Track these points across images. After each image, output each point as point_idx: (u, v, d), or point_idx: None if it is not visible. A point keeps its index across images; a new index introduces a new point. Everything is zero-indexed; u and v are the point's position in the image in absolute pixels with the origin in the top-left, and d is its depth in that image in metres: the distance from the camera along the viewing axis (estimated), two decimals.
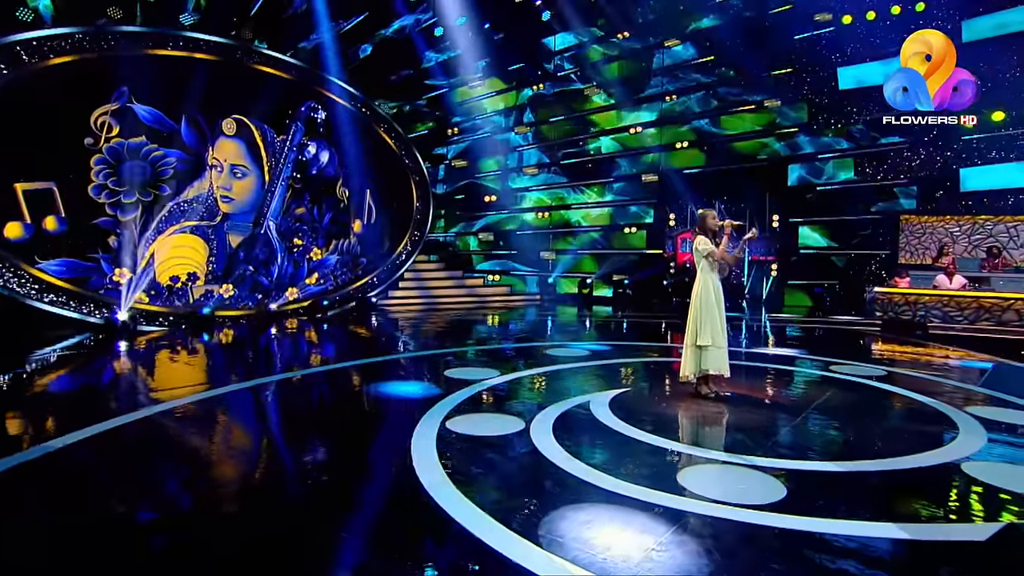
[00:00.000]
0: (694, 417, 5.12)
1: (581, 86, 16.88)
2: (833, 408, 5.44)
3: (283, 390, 6.18)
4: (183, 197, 11.31)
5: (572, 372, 7.03)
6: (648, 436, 4.46)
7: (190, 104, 11.14)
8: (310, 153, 13.51)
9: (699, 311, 5.77)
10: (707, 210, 5.93)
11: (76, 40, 9.65)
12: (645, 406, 5.47)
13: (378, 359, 8.06)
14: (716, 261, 5.78)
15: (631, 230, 16.66)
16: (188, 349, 8.61)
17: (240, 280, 12.25)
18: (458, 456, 4.07)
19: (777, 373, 7.14)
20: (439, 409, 5.20)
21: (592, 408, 5.24)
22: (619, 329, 11.65)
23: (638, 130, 16.50)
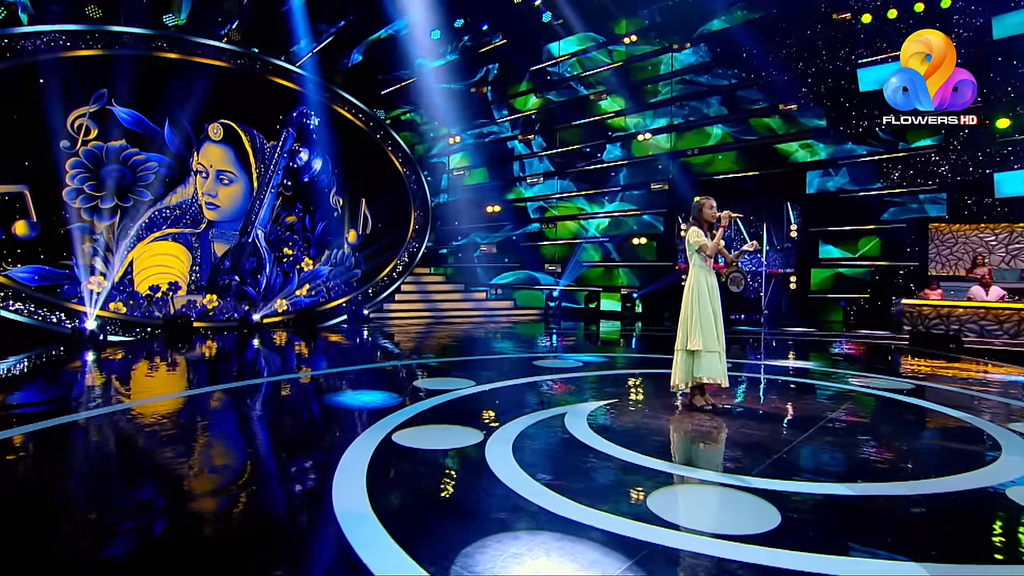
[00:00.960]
0: (683, 431, 4.46)
1: (587, 92, 16.45)
2: (849, 423, 4.73)
3: (227, 400, 5.66)
4: (165, 203, 11.01)
5: (555, 383, 6.41)
6: (624, 452, 3.82)
7: (174, 107, 10.90)
8: (302, 160, 13.20)
9: (690, 311, 5.14)
10: (704, 198, 5.33)
11: (52, 39, 9.48)
12: (628, 418, 4.82)
13: (350, 368, 7.52)
14: (709, 256, 5.16)
15: (641, 241, 16.03)
16: (150, 359, 8.16)
17: (225, 290, 11.87)
18: (387, 472, 3.48)
19: (788, 385, 6.42)
20: (392, 419, 4.62)
21: (567, 420, 4.61)
22: (624, 342, 10.98)
23: (647, 137, 15.96)
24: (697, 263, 5.23)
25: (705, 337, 5.04)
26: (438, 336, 11.30)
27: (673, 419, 4.80)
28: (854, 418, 4.93)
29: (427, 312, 14.86)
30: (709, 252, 5.13)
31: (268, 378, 6.87)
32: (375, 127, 14.68)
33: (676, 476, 3.45)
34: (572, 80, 16.62)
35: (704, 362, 5.04)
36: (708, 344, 5.03)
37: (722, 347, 5.13)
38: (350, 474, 3.36)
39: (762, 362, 8.22)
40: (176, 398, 5.71)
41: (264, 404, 5.52)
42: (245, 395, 5.85)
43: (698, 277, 5.18)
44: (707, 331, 5.05)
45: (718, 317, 5.15)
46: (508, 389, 6.08)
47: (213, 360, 8.19)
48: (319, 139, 13.45)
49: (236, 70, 11.85)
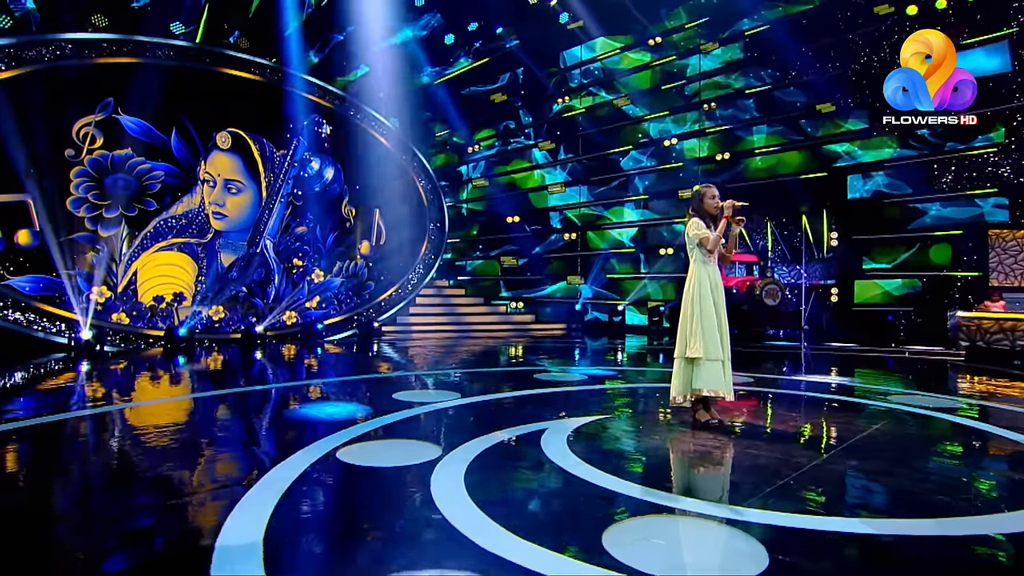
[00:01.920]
0: (675, 451, 3.87)
1: (610, 97, 15.98)
2: (880, 444, 4.05)
3: (182, 412, 5.32)
4: (171, 212, 10.99)
5: (550, 397, 5.88)
6: (598, 475, 3.27)
7: (181, 116, 10.92)
8: (313, 169, 13.10)
9: (690, 314, 4.55)
10: (706, 187, 4.77)
11: (59, 47, 9.60)
12: (616, 436, 4.25)
13: (330, 380, 7.14)
14: (710, 251, 4.58)
15: (669, 251, 15.35)
16: (131, 370, 7.97)
17: (231, 302, 11.74)
18: (307, 494, 3.02)
19: (817, 403, 5.72)
20: (349, 433, 4.18)
21: (544, 438, 4.07)
22: (645, 356, 10.32)
23: (673, 142, 15.35)
24: (698, 259, 4.65)
25: (706, 343, 4.44)
26: (446, 349, 10.87)
27: (668, 437, 4.21)
28: (887, 439, 4.23)
29: (443, 326, 14.48)
30: (710, 246, 4.55)
31: (232, 389, 6.54)
32: (388, 135, 14.52)
33: (649, 505, 2.88)
34: (594, 85, 16.19)
35: (705, 372, 4.44)
36: (710, 351, 4.43)
37: (727, 355, 4.52)
38: (263, 496, 2.91)
39: (793, 378, 7.49)
40: (118, 408, 5.41)
41: (211, 417, 5.16)
42: (202, 407, 5.52)
43: (699, 275, 4.60)
44: (709, 336, 4.45)
45: (722, 320, 4.55)
46: (494, 403, 5.58)
47: (191, 371, 7.93)
48: (331, 148, 13.34)
49: (245, 78, 11.84)
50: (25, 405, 5.54)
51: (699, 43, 15.20)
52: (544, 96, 16.41)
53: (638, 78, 15.72)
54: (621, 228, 15.99)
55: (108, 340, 9.98)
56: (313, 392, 6.29)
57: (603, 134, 16.06)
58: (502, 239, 17.00)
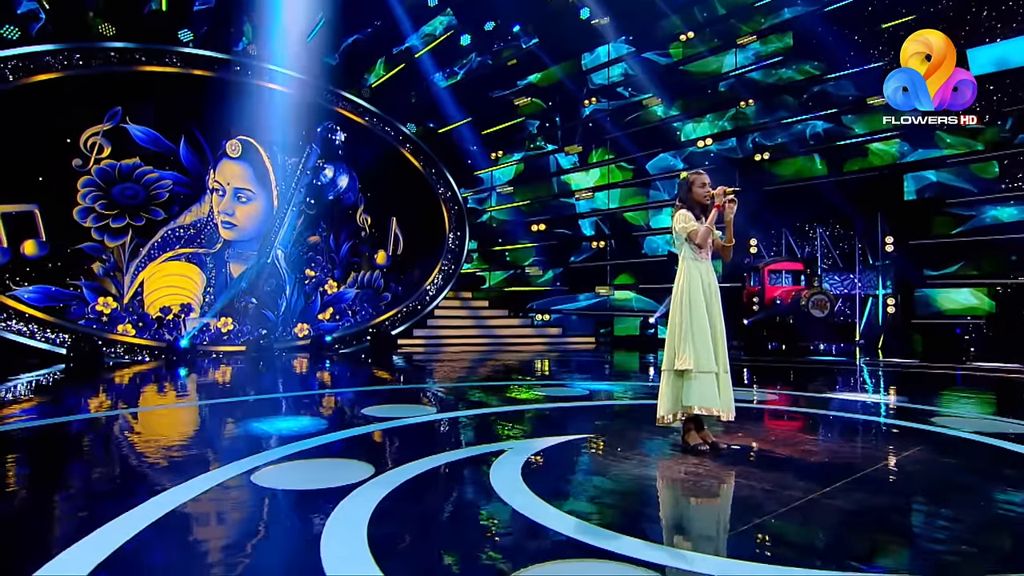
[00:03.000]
0: (645, 480, 3.34)
1: (638, 98, 15.44)
2: (902, 477, 3.43)
3: (120, 425, 5.10)
4: (179, 222, 11.07)
5: (535, 413, 5.42)
6: (539, 507, 2.79)
7: (190, 124, 11.03)
8: (326, 177, 13.05)
9: (679, 319, 4.03)
10: (694, 173, 4.25)
11: (66, 56, 9.84)
12: (583, 461, 3.76)
13: (308, 392, 6.85)
14: (700, 245, 4.05)
15: None
16: (113, 382, 7.90)
17: (241, 313, 11.73)
18: (186, 521, 2.66)
19: (843, 422, 5.05)
20: (283, 451, 3.83)
21: (498, 461, 3.61)
22: None
23: (707, 142, 14.67)
24: (688, 256, 4.13)
25: (697, 353, 3.90)
26: (457, 362, 10.50)
27: (645, 463, 3.69)
28: (913, 470, 3.59)
29: (462, 338, 14.13)
30: (698, 239, 4.03)
31: (195, 402, 6.31)
32: (404, 141, 14.40)
33: (580, 547, 2.39)
34: (620, 85, 15.70)
35: (696, 386, 3.89)
36: (701, 362, 3.89)
37: (723, 366, 3.97)
38: (132, 521, 2.57)
39: (829, 395, 6.77)
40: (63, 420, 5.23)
41: (151, 431, 4.90)
42: (144, 421, 5.29)
43: (690, 274, 4.08)
44: (700, 345, 3.91)
45: (717, 326, 4.00)
46: (467, 418, 5.16)
47: (172, 384, 7.79)
48: (345, 155, 13.29)
49: (255, 85, 11.93)
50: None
51: (734, 38, 14.54)
52: (569, 98, 16.01)
53: (668, 76, 15.14)
54: (653, 235, 15.35)
55: (110, 352, 10.05)
56: (278, 406, 6.00)
57: (632, 136, 15.51)
58: (528, 247, 16.60)
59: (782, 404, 5.92)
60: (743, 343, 14.40)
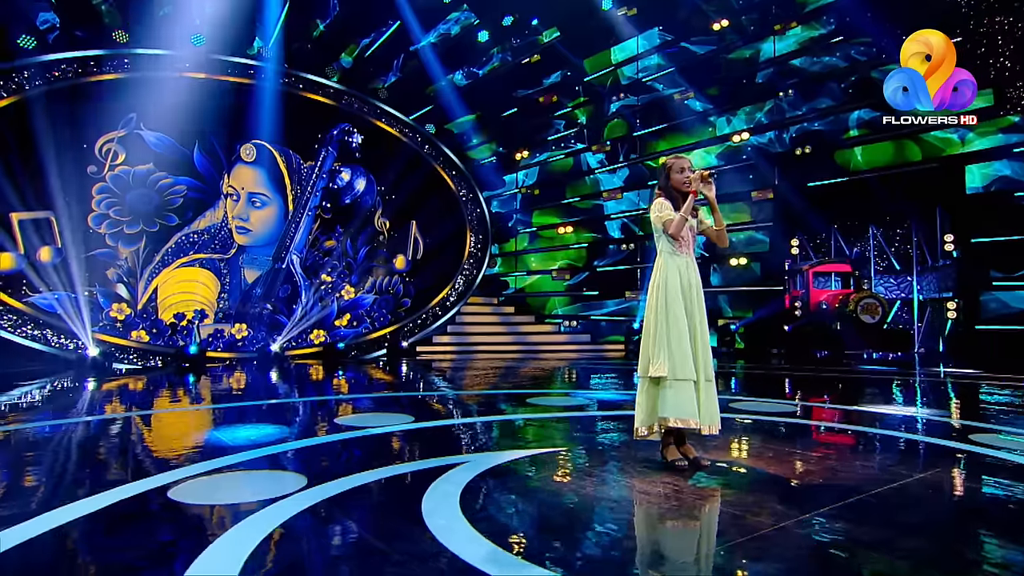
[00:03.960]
0: (598, 502, 3.01)
1: (670, 92, 14.95)
2: (903, 502, 2.98)
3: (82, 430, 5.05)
4: (192, 228, 11.26)
5: (514, 424, 5.14)
6: (465, 535, 2.52)
7: (204, 129, 11.23)
8: (343, 180, 13.09)
9: (654, 320, 3.68)
10: (675, 158, 3.88)
11: (80, 64, 10.14)
12: (540, 478, 3.45)
13: (291, 400, 6.73)
14: (674, 234, 3.70)
15: (741, 261, 13.98)
16: (104, 388, 7.99)
17: (256, 319, 11.83)
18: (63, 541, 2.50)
19: (859, 437, 4.57)
20: (218, 462, 3.67)
21: (446, 476, 3.34)
22: None
23: (743, 137, 14.07)
24: (665, 249, 3.78)
25: (673, 358, 3.54)
26: (470, 371, 10.28)
27: (607, 481, 3.35)
28: (921, 494, 3.15)
29: (484, 346, 13.91)
30: (672, 230, 3.67)
31: (158, 409, 6.26)
32: (423, 142, 14.34)
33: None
34: (652, 79, 15.25)
35: (672, 396, 3.53)
36: (678, 368, 3.53)
37: (705, 373, 3.60)
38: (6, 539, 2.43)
39: (856, 407, 6.23)
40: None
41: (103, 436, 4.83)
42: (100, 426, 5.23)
43: (667, 269, 3.72)
44: (677, 348, 3.55)
45: (699, 328, 3.63)
46: (437, 429, 4.92)
47: (159, 390, 7.80)
48: (362, 158, 13.30)
49: (269, 88, 12.06)
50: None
51: (774, 25, 13.92)
52: (596, 94, 15.66)
53: (702, 68, 14.62)
54: None
55: (122, 358, 10.26)
56: (253, 414, 5.89)
57: (663, 133, 15.04)
58: (554, 250, 16.28)
59: (799, 417, 5.45)
60: (784, 351, 13.71)
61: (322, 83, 12.75)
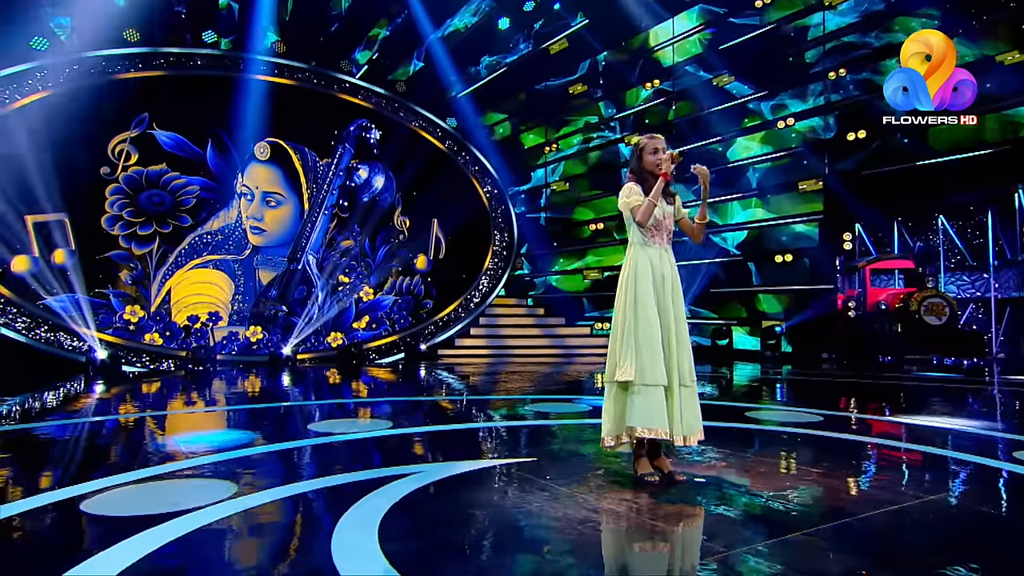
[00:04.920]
0: (545, 521, 2.80)
1: (709, 76, 14.45)
2: (908, 527, 2.67)
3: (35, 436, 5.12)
4: (206, 228, 11.50)
5: (492, 432, 4.97)
6: (368, 558, 2.37)
7: (217, 128, 11.46)
8: (360, 178, 13.17)
9: (622, 319, 3.45)
10: (649, 138, 3.62)
11: (92, 64, 10.48)
12: (489, 493, 3.26)
13: (268, 405, 6.71)
14: (640, 222, 3.45)
15: (787, 257, 13.37)
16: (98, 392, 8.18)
17: (270, 322, 12.01)
18: None
19: (872, 451, 4.19)
20: (156, 470, 3.62)
21: (382, 490, 3.18)
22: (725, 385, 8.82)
23: (789, 122, 13.46)
24: (636, 240, 3.53)
25: (641, 360, 3.30)
26: (487, 374, 10.13)
27: (560, 497, 3.12)
28: (926, 520, 2.81)
29: (510, 348, 13.74)
30: (639, 216, 3.42)
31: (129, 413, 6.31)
32: (444, 137, 14.30)
33: None
34: (689, 63, 14.77)
35: (640, 402, 3.28)
36: (646, 372, 3.28)
37: (679, 377, 3.34)
38: None
39: (890, 418, 5.78)
40: None
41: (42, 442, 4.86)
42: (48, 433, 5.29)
43: (636, 261, 3.48)
44: (646, 349, 3.31)
45: (671, 327, 3.37)
46: (407, 436, 4.77)
47: (146, 393, 7.93)
48: (381, 154, 13.35)
49: (283, 85, 12.24)
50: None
51: None
52: (628, 82, 15.27)
53: (742, 49, 14.07)
54: (727, 232, 14.29)
55: (133, 361, 10.56)
56: (225, 419, 5.89)
57: (702, 120, 14.55)
58: (585, 249, 15.96)
59: (820, 428, 5.07)
60: (835, 355, 13.04)
61: (338, 78, 12.86)
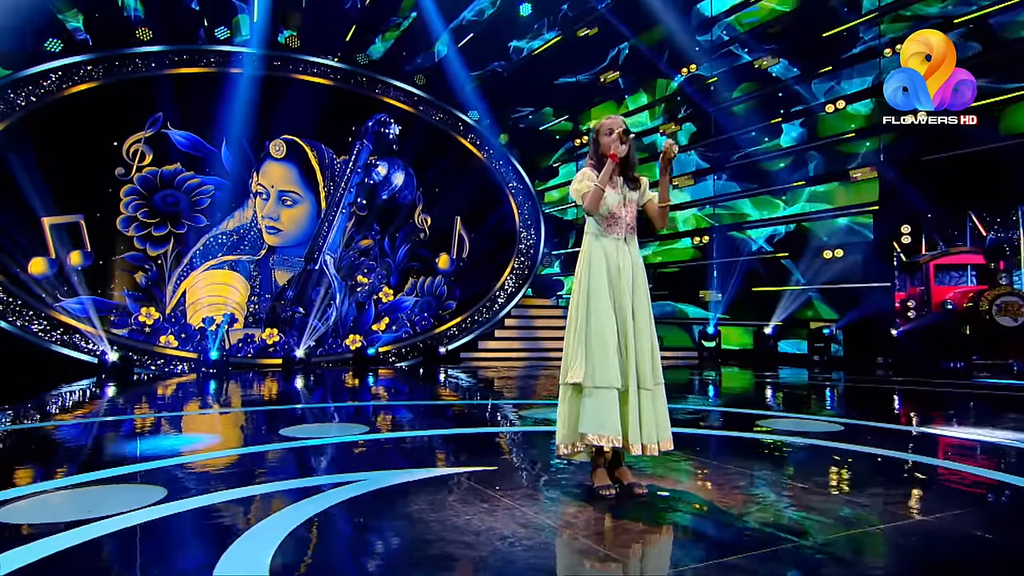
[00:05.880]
0: (469, 540, 2.67)
1: (751, 58, 13.97)
2: (867, 552, 2.45)
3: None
4: (221, 228, 11.78)
5: (465, 438, 4.86)
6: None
7: (232, 125, 11.72)
8: (379, 175, 13.27)
9: (575, 315, 3.30)
10: (608, 119, 3.45)
11: (106, 64, 10.86)
12: (423, 508, 3.15)
13: (249, 409, 6.75)
14: (590, 210, 3.30)
15: (837, 253, 12.80)
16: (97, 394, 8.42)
17: (287, 324, 12.21)
18: None
19: (884, 465, 3.90)
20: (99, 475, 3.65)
21: (312, 500, 3.13)
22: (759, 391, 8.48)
23: (839, 106, 12.88)
24: (591, 230, 3.37)
25: (593, 360, 3.14)
26: (504, 377, 10.04)
27: (498, 512, 2.99)
28: (904, 544, 2.57)
29: (535, 351, 13.62)
30: (587, 204, 3.26)
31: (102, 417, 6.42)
32: (467, 131, 14.28)
33: None
34: (729, 43, 14.33)
35: (591, 407, 3.12)
36: (597, 373, 3.11)
37: (640, 380, 3.16)
38: None
39: (926, 429, 5.42)
40: None
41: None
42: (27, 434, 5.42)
43: (590, 254, 3.32)
44: (597, 349, 3.14)
45: (629, 324, 3.19)
46: (378, 441, 4.72)
47: (140, 395, 8.09)
48: (400, 150, 13.42)
49: (299, 80, 12.44)
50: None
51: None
52: (658, 68, 14.93)
53: (787, 26, 13.57)
54: (768, 226, 13.79)
55: (147, 363, 10.90)
56: (200, 423, 5.95)
57: (742, 106, 14.10)
58: None
59: (831, 439, 4.78)
60: (892, 360, 12.41)
61: (355, 72, 12.99)
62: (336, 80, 12.85)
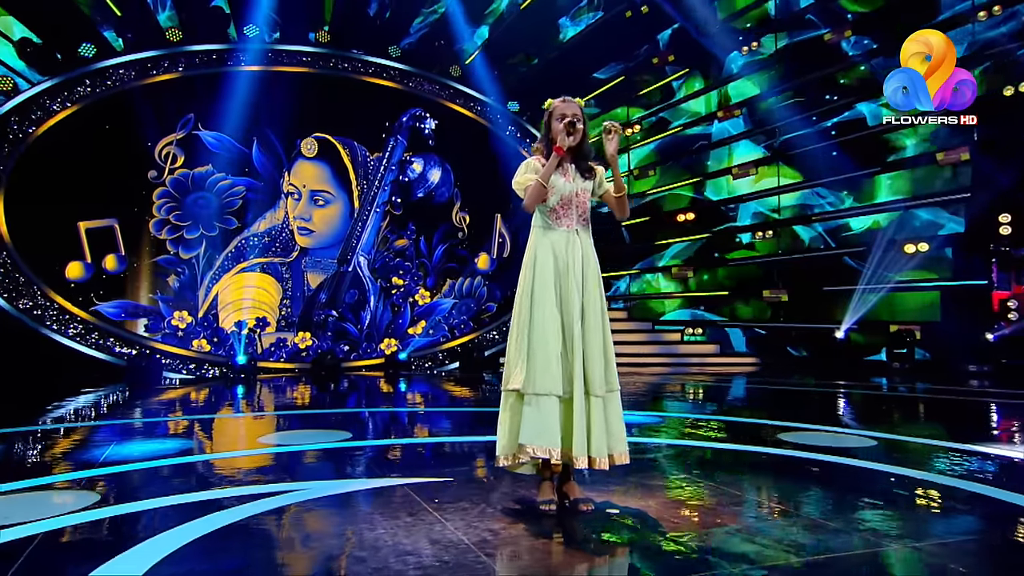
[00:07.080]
0: (362, 556, 2.65)
1: (824, 31, 13.33)
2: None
3: None
4: (252, 230, 12.21)
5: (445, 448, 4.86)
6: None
7: (263, 125, 12.13)
8: (415, 172, 13.43)
9: (517, 316, 3.24)
10: (563, 101, 3.35)
11: (140, 67, 11.44)
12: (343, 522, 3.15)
13: (243, 415, 6.93)
14: (530, 203, 3.23)
15: (920, 247, 12.04)
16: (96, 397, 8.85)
17: (320, 327, 12.54)
18: None
19: (894, 481, 3.63)
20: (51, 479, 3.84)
21: (229, 511, 3.17)
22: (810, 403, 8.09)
23: None
24: (538, 223, 3.33)
25: (533, 364, 3.06)
26: None
27: (432, 527, 2.95)
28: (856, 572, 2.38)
29: None
30: (528, 199, 3.20)
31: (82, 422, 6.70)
32: (506, 124, 14.25)
33: None
34: (802, 13, 13.72)
35: (531, 415, 3.03)
36: (537, 378, 3.03)
37: (588, 386, 3.05)
38: None
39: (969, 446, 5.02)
40: None
41: None
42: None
43: (535, 250, 3.27)
44: (538, 352, 3.06)
45: (577, 325, 3.10)
46: (349, 449, 4.75)
47: (134, 400, 8.42)
48: (436, 145, 13.55)
49: (329, 76, 12.75)
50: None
51: None
52: (714, 47, 14.45)
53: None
54: (843, 218, 13.13)
55: (179, 367, 11.44)
56: (177, 427, 6.14)
57: (810, 87, 13.48)
58: (670, 245, 15.29)
59: (852, 457, 4.50)
60: (988, 368, 11.56)
61: (387, 65, 13.18)
62: (368, 74, 13.09)
